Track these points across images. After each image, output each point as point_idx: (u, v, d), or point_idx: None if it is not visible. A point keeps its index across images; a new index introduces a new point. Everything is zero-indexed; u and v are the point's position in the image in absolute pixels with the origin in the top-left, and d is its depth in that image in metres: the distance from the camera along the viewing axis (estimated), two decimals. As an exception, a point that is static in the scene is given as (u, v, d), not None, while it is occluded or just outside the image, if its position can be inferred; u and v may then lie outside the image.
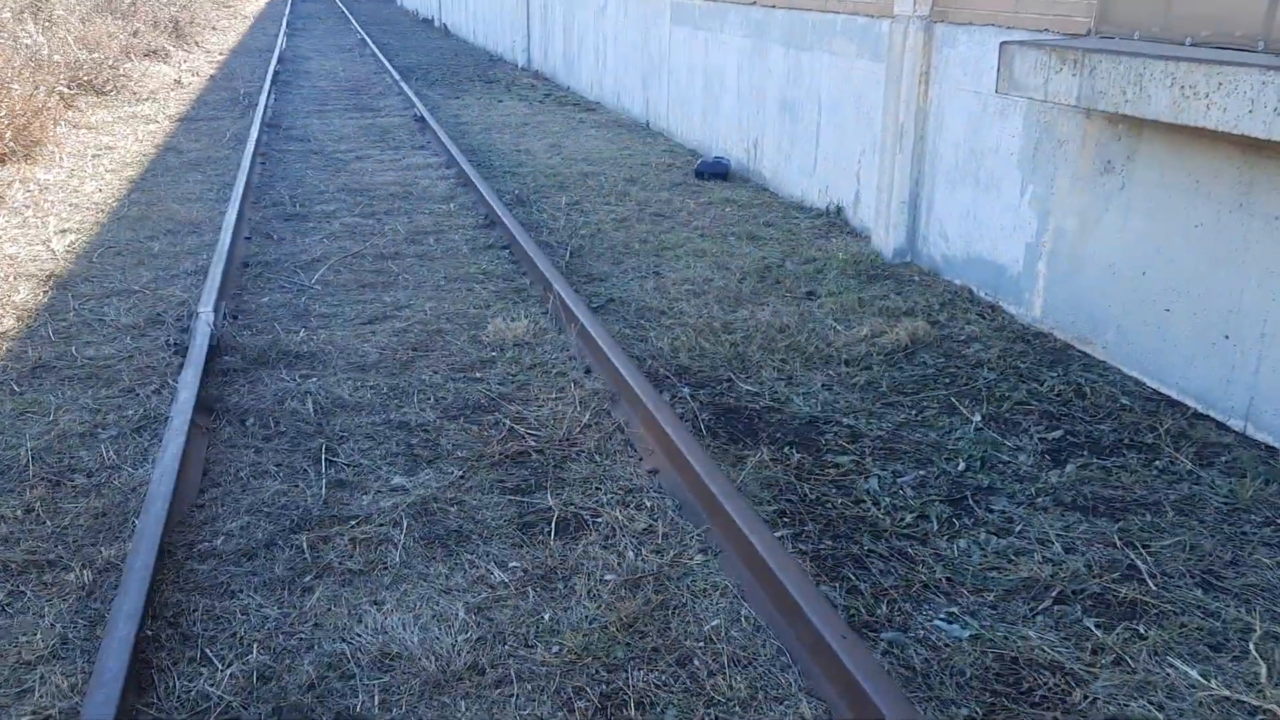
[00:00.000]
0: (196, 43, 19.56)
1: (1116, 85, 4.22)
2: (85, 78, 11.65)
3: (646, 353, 4.93)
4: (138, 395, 4.33)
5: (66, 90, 10.54)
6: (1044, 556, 3.27)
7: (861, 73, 6.99)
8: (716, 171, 8.82)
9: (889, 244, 6.52)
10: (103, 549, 3.27)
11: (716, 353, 4.92)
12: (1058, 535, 3.40)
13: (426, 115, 11.28)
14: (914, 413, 4.34)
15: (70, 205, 7.42)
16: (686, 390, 4.53)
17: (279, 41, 21.05)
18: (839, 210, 7.40)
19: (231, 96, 13.26)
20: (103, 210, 7.31)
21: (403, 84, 14.09)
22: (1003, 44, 4.90)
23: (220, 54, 18.98)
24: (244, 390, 4.39)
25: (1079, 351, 4.97)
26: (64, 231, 6.68)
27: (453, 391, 4.49)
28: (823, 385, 4.60)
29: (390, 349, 4.93)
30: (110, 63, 12.81)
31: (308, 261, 6.29)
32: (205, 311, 4.84)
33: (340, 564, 3.22)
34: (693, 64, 10.09)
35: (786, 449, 3.99)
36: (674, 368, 4.76)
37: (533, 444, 4.03)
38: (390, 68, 16.23)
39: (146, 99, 12.52)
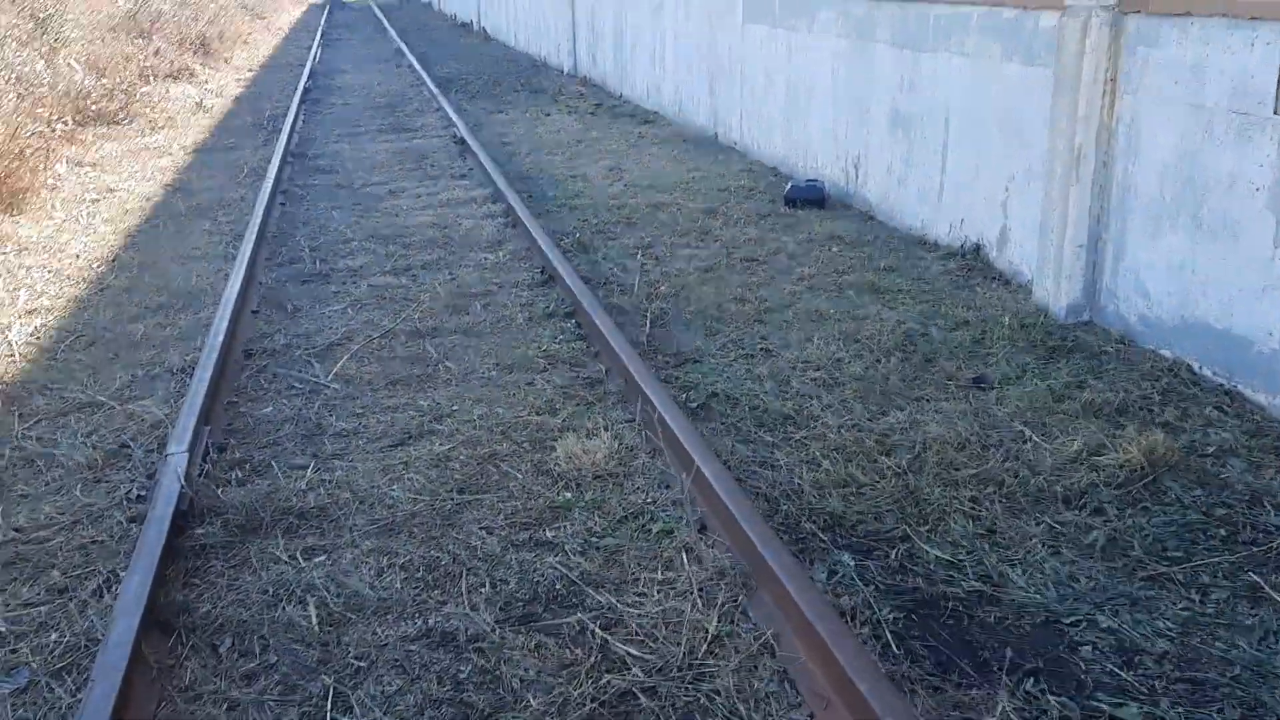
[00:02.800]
0: (225, 60, 18.50)
1: None
2: (94, 106, 10.52)
3: (780, 489, 3.56)
4: (71, 600, 3.04)
5: (65, 125, 9.40)
6: None
7: (1010, 79, 5.55)
8: (810, 198, 7.41)
9: (1060, 299, 5.09)
10: None
11: (877, 489, 3.54)
12: None
13: (467, 136, 10.00)
14: (1197, 599, 2.93)
15: (49, 272, 6.21)
16: (849, 560, 3.15)
17: (312, 54, 19.94)
18: (977, 249, 5.97)
19: (256, 120, 12.09)
20: (85, 279, 6.09)
21: (441, 98, 12.83)
22: None
23: (249, 71, 17.88)
24: (222, 586, 3.07)
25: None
26: (32, 312, 5.46)
27: (516, 569, 3.16)
28: (1046, 546, 3.20)
29: (428, 491, 3.61)
30: (125, 87, 11.70)
31: (325, 345, 5.00)
32: (178, 452, 3.55)
33: None
34: (772, 68, 8.69)
35: (1031, 689, 2.60)
36: (823, 517, 3.39)
37: (638, 677, 2.68)
38: (428, 79, 15.00)
39: (163, 126, 11.38)
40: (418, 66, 17.04)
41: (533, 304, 5.56)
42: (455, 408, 4.30)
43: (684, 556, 3.19)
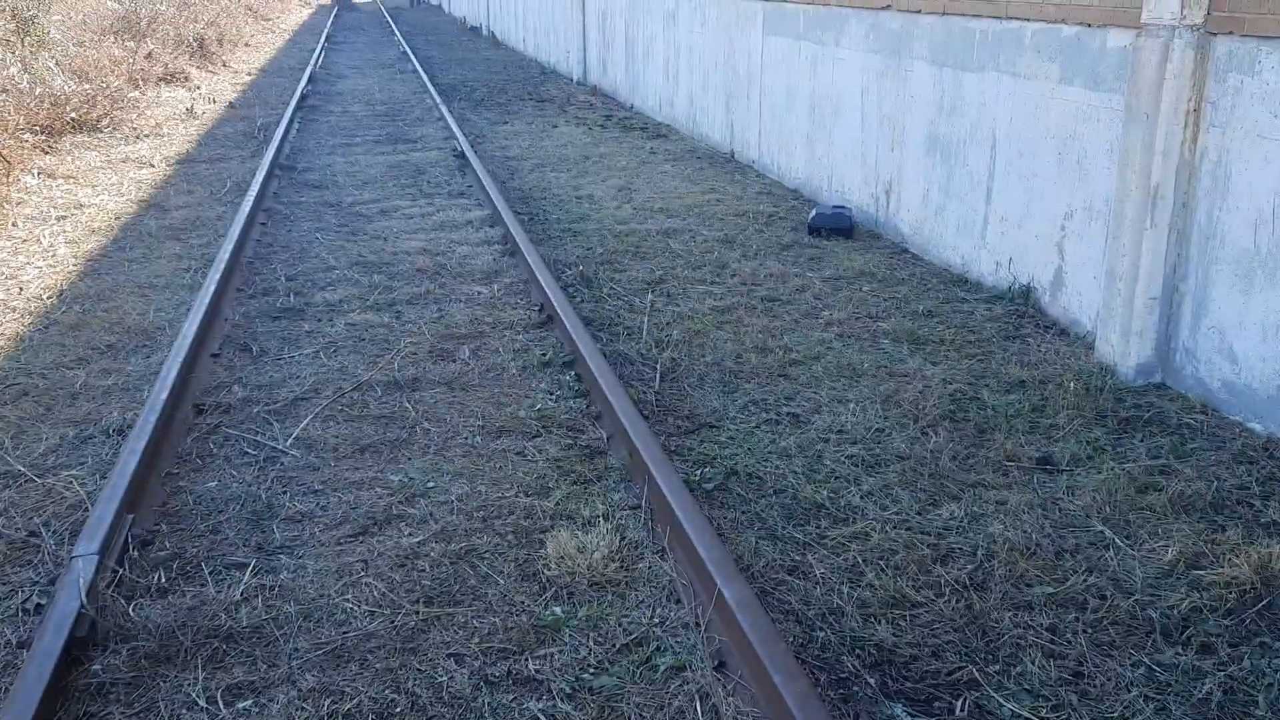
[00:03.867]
0: (224, 63, 17.93)
1: None
2: (72, 114, 9.93)
3: (815, 607, 2.93)
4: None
5: (35, 135, 8.80)
6: None
7: (1069, 105, 4.92)
8: (837, 226, 6.78)
9: (1128, 357, 4.45)
10: None
11: (934, 611, 2.91)
12: None
13: (468, 150, 9.39)
14: (1355, 790, 2.30)
15: (-6, 302, 5.62)
16: (904, 716, 2.53)
17: (314, 58, 19.38)
18: (1027, 293, 5.34)
19: (247, 128, 11.50)
20: (32, 311, 5.48)
21: (443, 107, 12.24)
22: None
23: (248, 74, 17.31)
24: (115, 748, 2.46)
25: None
26: (-37, 352, 4.86)
27: (488, 717, 2.54)
28: (1149, 700, 2.56)
29: (389, 603, 2.99)
30: (110, 93, 11.11)
31: (289, 400, 4.38)
32: (85, 554, 2.93)
33: None
34: (794, 83, 8.07)
35: None
36: (869, 650, 2.76)
37: None
38: (431, 86, 14.41)
39: (148, 135, 10.79)
40: (422, 72, 16.46)
41: (528, 350, 4.94)
42: (431, 484, 3.68)
43: (697, 707, 2.56)
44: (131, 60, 12.90)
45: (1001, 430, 3.97)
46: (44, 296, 5.67)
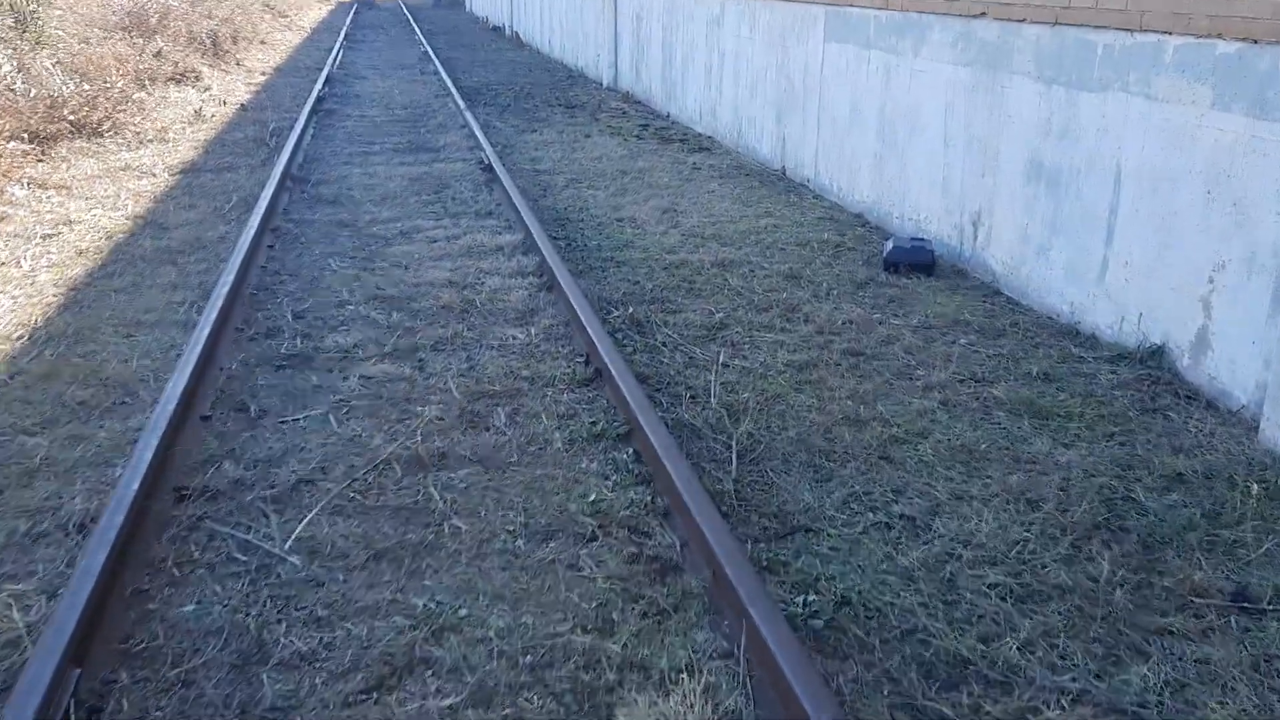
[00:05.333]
0: (238, 61, 17.23)
1: None
2: (70, 117, 9.22)
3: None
4: None
5: (22, 142, 8.08)
6: None
7: (1226, 135, 4.12)
8: (917, 262, 5.99)
9: (1309, 446, 3.66)
10: None
11: None
12: None
13: (495, 162, 8.64)
14: None
15: (-43, 342, 4.88)
16: None
17: (332, 57, 18.68)
18: (1159, 353, 4.54)
19: (258, 133, 10.77)
20: None
21: (467, 113, 11.48)
22: None
23: (262, 74, 16.61)
24: None
25: None
26: (-90, 409, 4.11)
27: None
28: None
29: (413, 808, 2.23)
30: (114, 94, 10.40)
31: (291, 482, 3.62)
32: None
33: None
34: (861, 96, 7.28)
35: None
36: None
37: None
38: (454, 89, 13.67)
39: (152, 140, 10.07)
40: (444, 74, 15.72)
41: (575, 415, 4.17)
42: (464, 611, 2.91)
43: None
44: (139, 58, 12.19)
45: (1174, 547, 3.18)
46: (14, 336, 4.92)
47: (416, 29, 26.59)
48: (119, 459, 3.74)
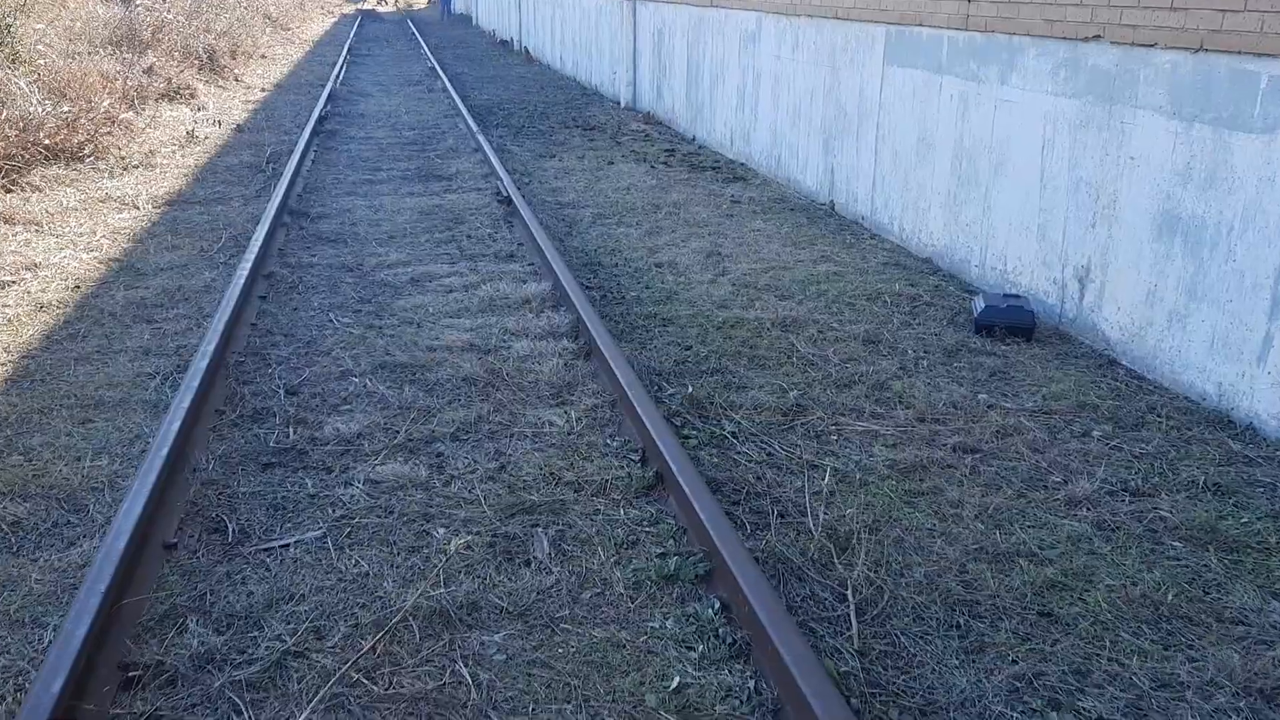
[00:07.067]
0: (236, 77, 16.41)
1: None
2: (46, 140, 8.38)
3: None
4: None
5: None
6: None
7: None
8: (1015, 325, 5.14)
9: None
10: None
11: None
12: None
13: (514, 194, 7.79)
14: None
15: (-123, 428, 4.01)
16: None
17: (335, 73, 17.86)
18: (1352, 456, 3.68)
19: (254, 157, 9.93)
20: (-75, 445, 3.88)
21: (480, 135, 10.65)
22: None
23: (261, 90, 15.78)
24: None
25: None
26: None
27: None
28: None
29: None
30: (98, 114, 9.57)
31: (273, 659, 2.75)
32: None
33: None
34: (930, 127, 6.43)
35: None
36: None
37: None
38: (463, 108, 12.84)
39: (137, 165, 9.23)
40: (452, 91, 14.90)
41: (636, 541, 3.31)
42: None
43: None
44: (127, 75, 11.36)
45: None
46: (-55, 422, 4.07)
47: (422, 43, 25.80)
48: (50, 616, 2.87)
